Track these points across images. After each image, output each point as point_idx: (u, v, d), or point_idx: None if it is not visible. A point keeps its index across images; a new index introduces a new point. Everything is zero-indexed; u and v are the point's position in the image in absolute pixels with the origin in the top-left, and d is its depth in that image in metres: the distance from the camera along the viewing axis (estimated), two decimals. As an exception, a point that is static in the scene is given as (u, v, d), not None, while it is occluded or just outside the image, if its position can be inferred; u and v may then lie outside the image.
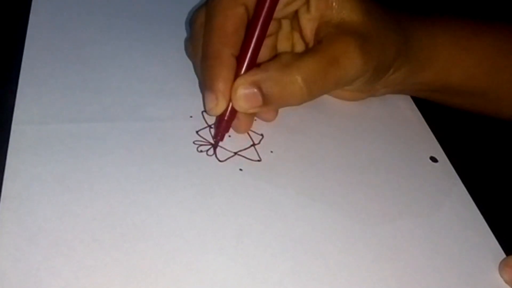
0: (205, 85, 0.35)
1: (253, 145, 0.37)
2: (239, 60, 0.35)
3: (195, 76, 0.40)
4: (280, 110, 0.38)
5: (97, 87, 0.37)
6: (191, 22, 0.39)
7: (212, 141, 0.36)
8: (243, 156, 0.35)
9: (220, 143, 0.36)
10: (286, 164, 0.36)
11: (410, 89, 0.43)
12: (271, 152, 0.36)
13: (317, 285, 0.30)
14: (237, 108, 0.34)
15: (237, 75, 0.34)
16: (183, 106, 0.37)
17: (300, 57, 0.34)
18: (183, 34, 0.43)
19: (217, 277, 0.29)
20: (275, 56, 0.36)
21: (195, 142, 0.35)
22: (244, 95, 0.33)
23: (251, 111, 0.34)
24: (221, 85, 0.34)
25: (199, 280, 0.28)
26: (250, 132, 0.37)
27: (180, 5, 0.45)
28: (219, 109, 0.34)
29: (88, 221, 0.29)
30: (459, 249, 0.34)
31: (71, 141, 0.33)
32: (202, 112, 0.37)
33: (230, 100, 0.34)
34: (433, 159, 0.39)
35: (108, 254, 0.28)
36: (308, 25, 0.37)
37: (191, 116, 0.37)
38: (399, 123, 0.42)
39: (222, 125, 0.35)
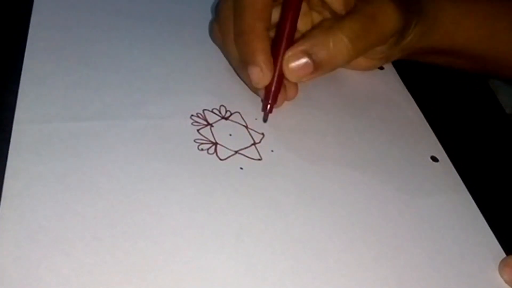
0: (246, 60, 0.36)
1: (254, 144, 0.37)
2: (279, 35, 0.37)
3: (196, 75, 0.40)
4: (280, 110, 0.38)
5: (98, 85, 0.37)
6: (217, 6, 0.40)
7: (213, 140, 0.36)
8: (244, 155, 0.36)
9: (221, 142, 0.36)
10: (286, 163, 0.36)
11: (419, 53, 0.44)
12: (272, 151, 0.36)
13: (317, 284, 0.30)
14: (291, 79, 0.36)
15: (278, 49, 0.36)
16: (184, 104, 0.37)
17: (341, 19, 0.36)
18: (184, 33, 0.43)
19: (217, 276, 0.29)
20: (313, 27, 0.39)
21: (196, 141, 0.35)
22: (296, 66, 0.35)
23: (305, 79, 0.36)
24: (262, 57, 0.36)
25: (199, 278, 0.28)
26: (250, 131, 0.37)
27: (181, 4, 0.45)
28: (266, 80, 0.36)
29: (89, 219, 0.29)
30: (459, 249, 0.34)
31: (72, 140, 0.33)
32: (203, 110, 0.38)
33: (273, 70, 0.36)
34: (434, 159, 0.39)
35: (109, 253, 0.28)
36: None
37: (192, 115, 0.37)
38: (400, 122, 0.42)
39: (270, 96, 0.37)
